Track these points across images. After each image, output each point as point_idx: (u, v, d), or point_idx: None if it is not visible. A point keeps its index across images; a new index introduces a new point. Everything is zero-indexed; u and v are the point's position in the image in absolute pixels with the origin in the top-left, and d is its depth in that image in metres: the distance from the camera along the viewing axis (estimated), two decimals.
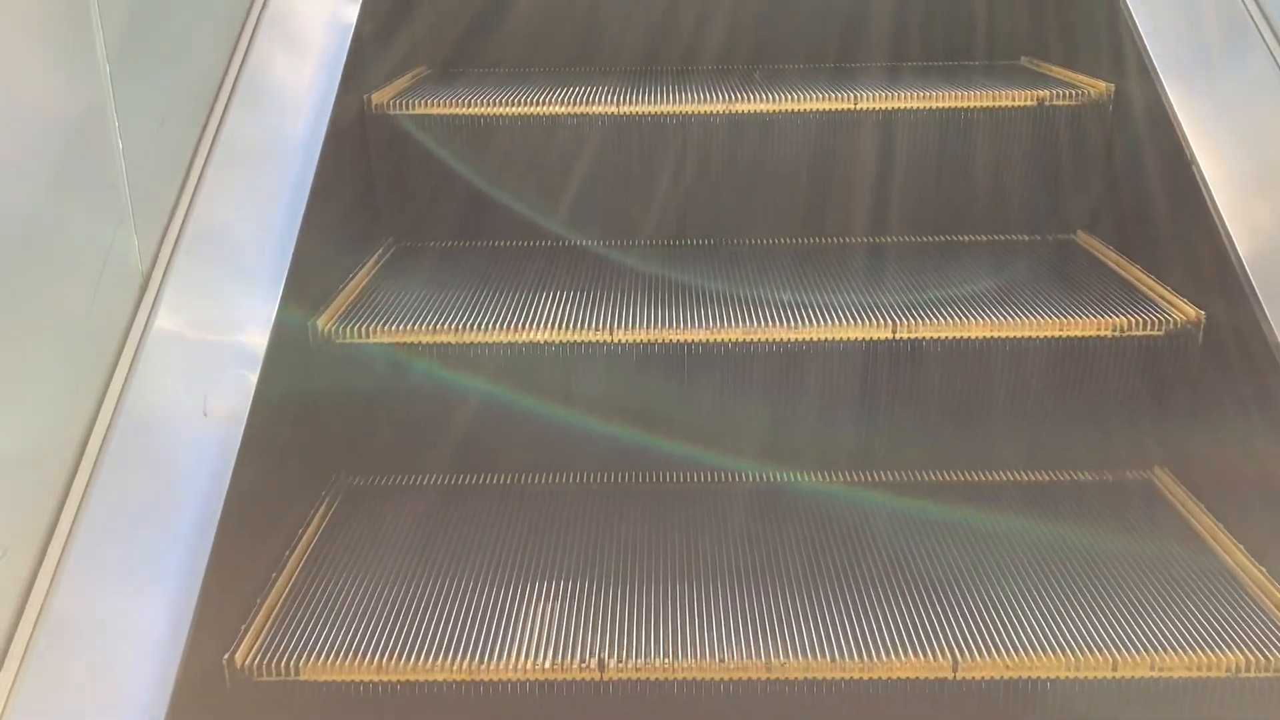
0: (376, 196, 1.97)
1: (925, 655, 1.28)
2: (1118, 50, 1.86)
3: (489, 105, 1.91)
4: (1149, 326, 1.59)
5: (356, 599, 1.40)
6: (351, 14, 1.84)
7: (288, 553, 1.48)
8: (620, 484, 1.69)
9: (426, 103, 1.91)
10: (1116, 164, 1.90)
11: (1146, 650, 1.28)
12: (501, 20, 2.30)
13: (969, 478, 1.69)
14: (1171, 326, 1.58)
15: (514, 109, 1.91)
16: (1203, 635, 1.30)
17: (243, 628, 1.32)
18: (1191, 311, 1.59)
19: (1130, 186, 1.85)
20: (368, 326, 1.59)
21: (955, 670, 1.28)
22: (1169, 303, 1.64)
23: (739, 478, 1.70)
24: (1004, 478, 1.69)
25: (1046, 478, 1.69)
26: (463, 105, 1.91)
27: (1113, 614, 1.35)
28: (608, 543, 1.53)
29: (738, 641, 1.31)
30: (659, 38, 2.32)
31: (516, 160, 1.95)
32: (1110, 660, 1.27)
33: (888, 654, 1.28)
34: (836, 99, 1.90)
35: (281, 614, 1.37)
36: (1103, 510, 1.60)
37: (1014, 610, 1.35)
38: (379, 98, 1.91)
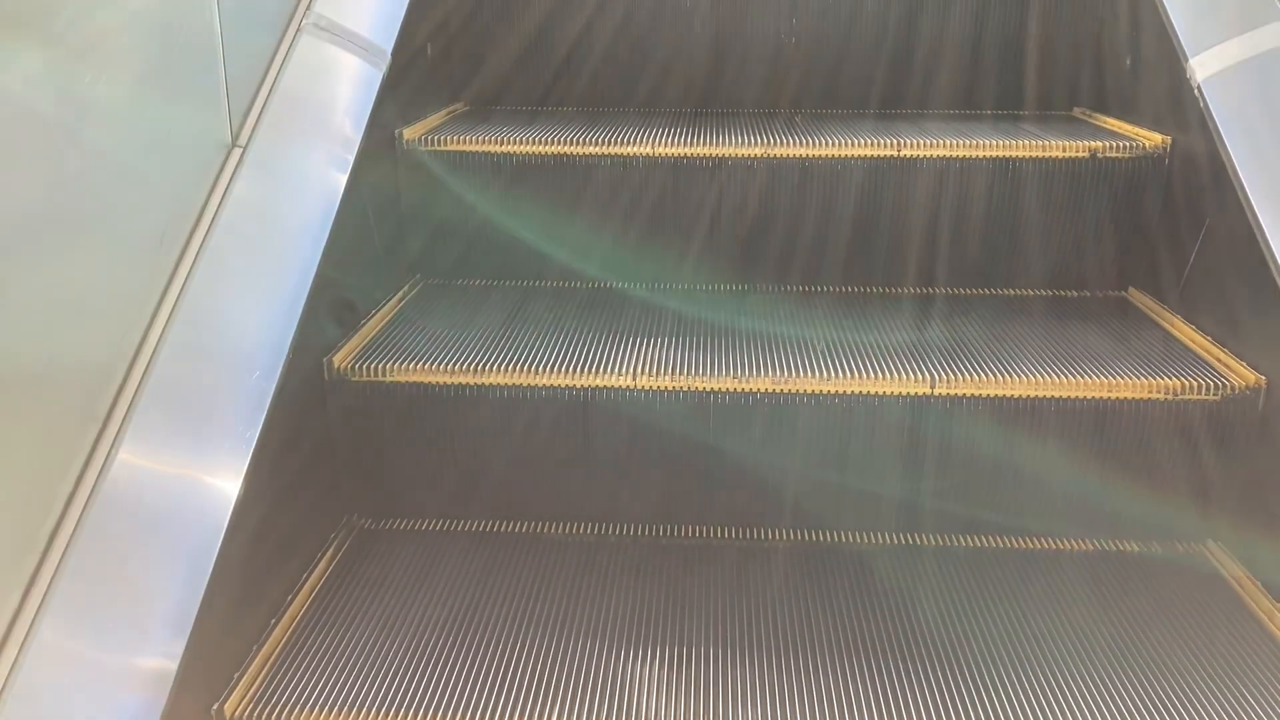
0: (404, 230, 1.94)
1: None
2: (1175, 102, 1.78)
3: (519, 144, 1.87)
4: (1205, 391, 1.50)
5: (357, 649, 1.34)
6: (386, 48, 1.81)
7: (290, 597, 1.42)
8: (645, 538, 1.62)
9: (457, 139, 1.88)
10: (1172, 220, 1.81)
11: None
12: (539, 60, 2.27)
13: (1011, 544, 1.60)
14: (1229, 391, 1.50)
15: (547, 148, 1.87)
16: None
17: (236, 675, 1.26)
18: (1251, 376, 1.50)
19: (1186, 244, 1.76)
20: (384, 365, 1.55)
21: None
22: (1227, 366, 1.55)
23: (775, 535, 1.62)
24: (1048, 545, 1.59)
25: (1093, 547, 1.59)
26: (493, 143, 1.87)
27: (1161, 695, 1.25)
28: (623, 599, 1.46)
29: (761, 715, 1.23)
30: (700, 79, 2.28)
31: (548, 199, 1.91)
32: None
33: None
34: (881, 145, 1.84)
35: (278, 662, 1.31)
36: (1151, 584, 1.51)
37: (1055, 688, 1.26)
38: (410, 133, 1.88)
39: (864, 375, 1.53)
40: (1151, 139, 1.83)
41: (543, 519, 1.65)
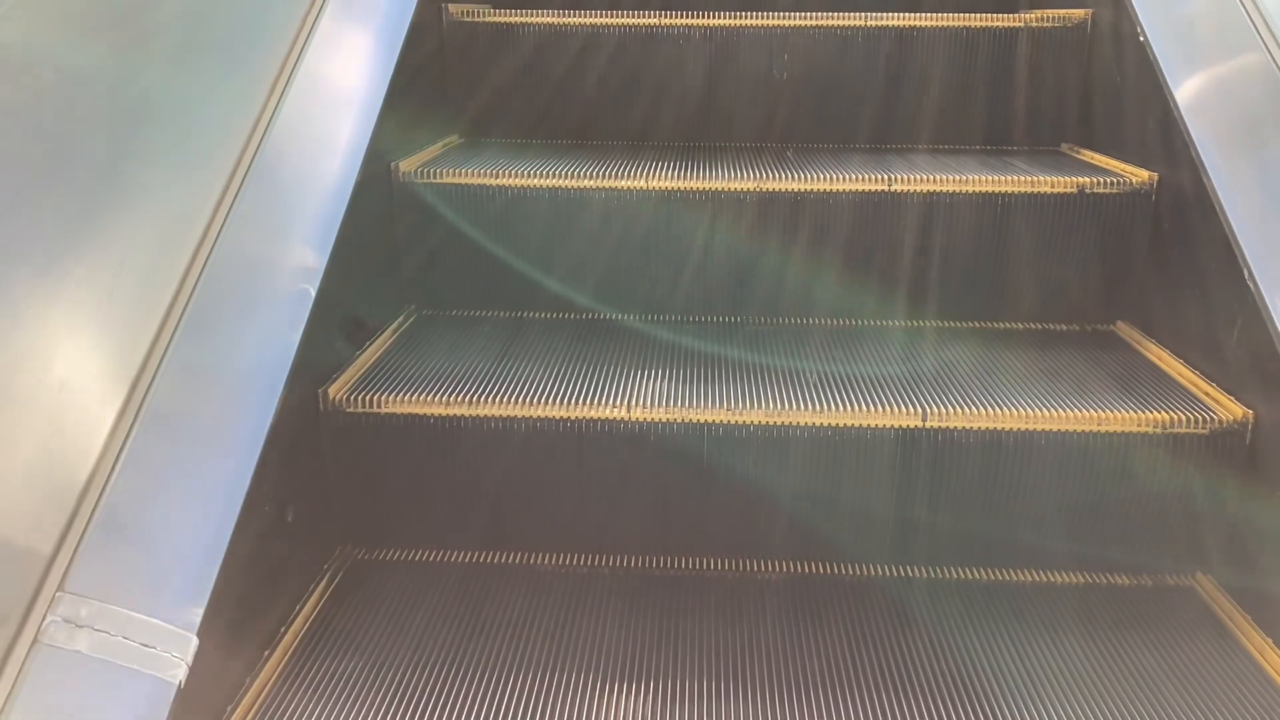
0: (400, 263, 1.95)
1: None
2: (1161, 139, 1.81)
3: (514, 177, 1.88)
4: (1193, 424, 1.51)
5: (350, 682, 1.34)
6: (382, 81, 1.82)
7: (283, 629, 1.42)
8: (638, 569, 1.62)
9: (453, 172, 1.89)
10: (1158, 254, 1.84)
11: None
12: (533, 93, 2.29)
13: (1002, 576, 1.60)
14: (1218, 425, 1.51)
15: (541, 181, 1.88)
16: None
17: (230, 708, 1.26)
18: (1239, 410, 1.51)
19: (1174, 279, 1.79)
20: (379, 396, 1.55)
21: None
22: (1215, 400, 1.56)
23: (768, 566, 1.62)
24: (1039, 578, 1.60)
25: (1083, 579, 1.60)
26: (488, 176, 1.89)
27: None
28: (616, 631, 1.46)
29: None
30: (693, 112, 2.30)
31: (542, 231, 1.92)
32: None
33: None
34: (871, 180, 1.86)
35: (272, 695, 1.31)
36: (1141, 618, 1.51)
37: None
38: (406, 165, 1.90)
39: (856, 408, 1.54)
40: (1138, 175, 1.85)
41: (535, 550, 1.65)
